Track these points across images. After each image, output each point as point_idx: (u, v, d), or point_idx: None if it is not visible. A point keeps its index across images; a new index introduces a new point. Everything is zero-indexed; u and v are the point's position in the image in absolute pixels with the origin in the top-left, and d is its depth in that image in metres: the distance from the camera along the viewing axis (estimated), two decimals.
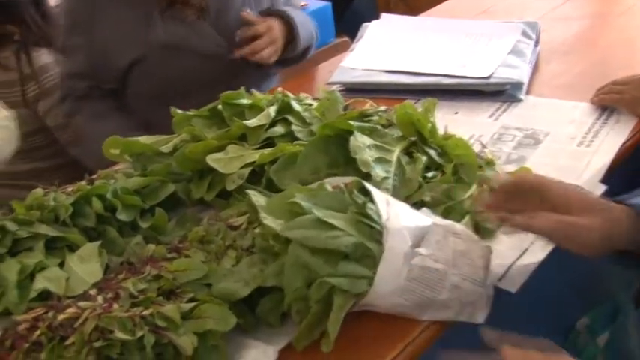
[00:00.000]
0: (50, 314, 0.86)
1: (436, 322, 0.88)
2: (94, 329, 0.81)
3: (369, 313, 0.88)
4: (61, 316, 0.84)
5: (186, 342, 0.80)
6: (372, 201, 0.90)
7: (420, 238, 0.89)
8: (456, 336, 0.90)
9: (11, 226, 1.05)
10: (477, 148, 1.17)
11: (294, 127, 1.19)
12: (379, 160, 1.05)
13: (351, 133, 1.07)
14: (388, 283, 0.85)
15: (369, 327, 0.88)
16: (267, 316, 0.89)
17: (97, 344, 0.79)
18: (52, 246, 1.03)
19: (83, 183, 1.18)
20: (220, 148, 1.18)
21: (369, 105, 1.29)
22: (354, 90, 1.53)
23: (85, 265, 0.98)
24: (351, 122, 1.09)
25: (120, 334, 0.79)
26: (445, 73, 1.54)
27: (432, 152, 1.11)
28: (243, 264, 0.92)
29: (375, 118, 1.19)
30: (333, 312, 0.81)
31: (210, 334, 0.83)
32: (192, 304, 0.84)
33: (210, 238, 0.99)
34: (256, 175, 1.12)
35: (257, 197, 0.97)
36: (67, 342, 0.81)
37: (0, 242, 1.03)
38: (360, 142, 1.06)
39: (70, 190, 1.15)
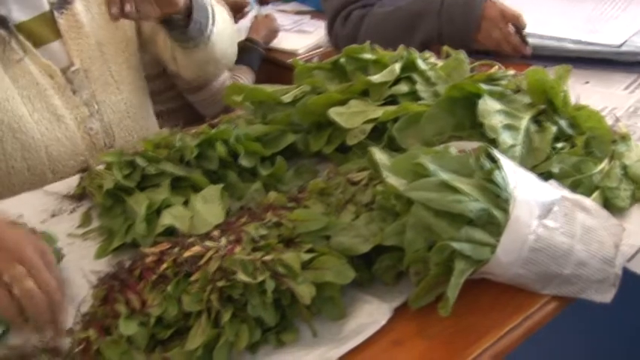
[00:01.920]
0: (176, 250, 0.90)
1: (557, 298, 0.85)
2: (217, 269, 0.83)
3: (487, 282, 0.86)
4: (186, 253, 0.87)
5: (305, 291, 0.81)
6: (499, 168, 0.88)
7: (547, 210, 0.86)
8: None
9: (141, 161, 1.09)
10: (609, 121, 1.11)
11: (418, 86, 1.17)
12: (507, 127, 1.01)
13: (479, 96, 1.04)
14: (511, 253, 0.83)
15: (486, 295, 0.86)
16: (383, 274, 0.89)
17: (220, 284, 0.81)
18: (177, 185, 1.07)
19: (205, 126, 1.20)
20: (342, 102, 1.17)
21: (496, 68, 1.25)
22: (479, 52, 1.48)
23: (208, 207, 1.01)
24: (481, 85, 1.05)
25: (242, 277, 0.81)
26: (573, 38, 1.46)
27: (563, 122, 1.06)
28: (361, 220, 0.92)
29: (504, 82, 1.15)
30: (453, 277, 0.80)
31: (328, 286, 0.84)
32: (311, 255, 0.85)
33: (330, 191, 1.00)
34: (377, 132, 1.11)
35: (380, 155, 0.97)
36: (192, 278, 0.84)
37: (130, 176, 1.09)
38: (489, 106, 1.03)
39: (192, 132, 1.19)
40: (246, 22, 2.46)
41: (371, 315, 0.85)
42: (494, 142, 0.98)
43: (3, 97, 1.22)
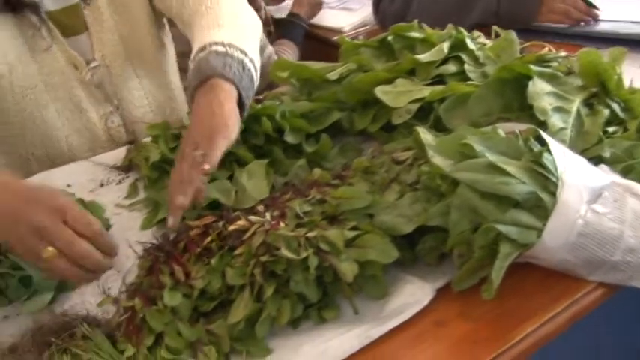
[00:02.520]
0: (220, 224, 0.90)
1: (604, 285, 0.84)
2: (261, 244, 0.84)
3: (531, 265, 0.85)
4: (231, 227, 0.88)
5: (348, 268, 0.81)
6: (548, 151, 0.86)
7: (596, 195, 0.84)
8: None
9: None
10: None
11: (466, 66, 1.15)
12: (557, 109, 0.99)
13: (529, 77, 1.02)
14: (558, 238, 0.81)
15: (530, 279, 0.85)
16: (426, 254, 0.89)
17: (263, 258, 0.82)
18: (223, 159, 1.07)
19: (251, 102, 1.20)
20: (388, 81, 1.16)
21: (547, 50, 1.22)
22: (529, 31, 1.45)
23: (253, 182, 1.01)
24: (531, 66, 1.03)
25: (285, 252, 0.82)
26: (629, 20, 1.42)
27: (615, 106, 1.03)
28: (406, 199, 0.92)
29: (554, 64, 1.12)
30: (497, 260, 0.79)
31: (370, 265, 0.84)
32: (355, 233, 0.85)
33: (375, 169, 0.99)
34: (423, 112, 1.10)
35: (425, 134, 0.96)
36: (236, 252, 0.85)
37: (175, 149, 1.10)
38: (539, 88, 1.01)
39: None
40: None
41: (413, 295, 0.84)
42: (543, 125, 0.97)
43: (27, 84, 1.22)
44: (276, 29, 2.33)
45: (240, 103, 1.02)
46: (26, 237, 0.79)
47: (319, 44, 2.38)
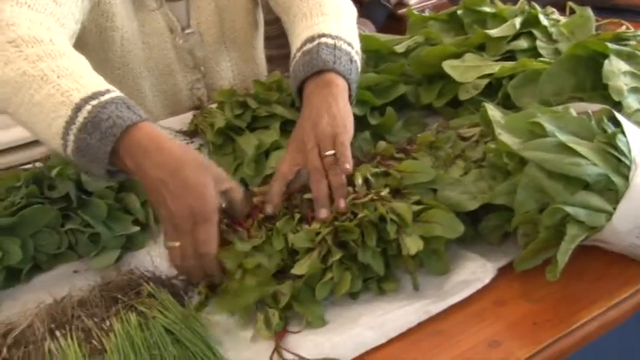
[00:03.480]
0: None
1: None
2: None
3: (597, 249, 0.83)
4: (306, 195, 0.89)
5: (412, 243, 0.81)
6: (622, 132, 0.84)
7: None
8: None
9: (252, 102, 1.11)
10: None
11: (538, 43, 1.12)
12: (634, 90, 0.96)
13: (605, 56, 0.99)
14: (628, 222, 0.79)
15: (596, 264, 0.84)
16: (489, 233, 0.88)
17: (337, 223, 0.83)
18: (286, 128, 1.08)
19: None
20: (457, 55, 1.14)
21: (624, 28, 1.17)
22: (605, 9, 1.40)
23: None
24: (608, 44, 1.00)
25: (364, 212, 0.82)
26: None
27: None
28: (470, 176, 0.91)
29: (633, 43, 1.08)
30: (564, 242, 0.78)
31: (433, 240, 0.83)
32: (421, 207, 0.85)
33: (440, 145, 0.98)
34: (491, 88, 1.08)
35: (493, 111, 0.94)
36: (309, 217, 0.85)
37: (240, 117, 1.11)
38: (615, 67, 0.97)
39: None
40: None
41: (474, 273, 0.84)
42: (618, 106, 0.94)
43: (132, 40, 1.25)
44: (360, 8, 2.30)
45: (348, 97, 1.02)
46: (178, 214, 0.81)
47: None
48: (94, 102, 0.85)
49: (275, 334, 0.79)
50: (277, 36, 1.91)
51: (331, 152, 0.91)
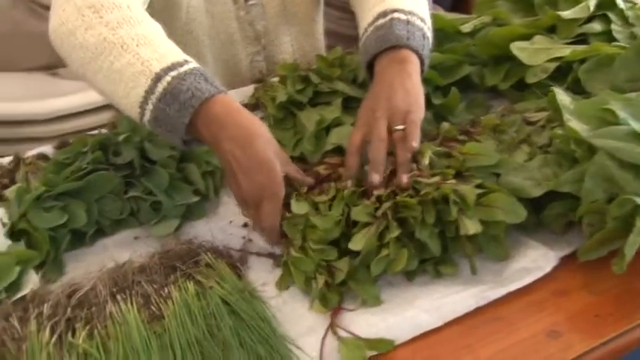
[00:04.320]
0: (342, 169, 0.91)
1: None
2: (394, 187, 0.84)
3: None
4: (366, 167, 0.88)
5: (471, 226, 0.80)
6: None
7: None
8: None
9: (314, 78, 1.11)
10: None
11: (613, 26, 1.08)
12: None
13: None
14: None
15: None
16: (552, 221, 0.86)
17: (399, 198, 0.82)
18: (348, 105, 1.07)
19: None
20: (526, 37, 1.11)
21: None
22: None
23: None
24: None
25: (423, 192, 0.81)
26: None
27: None
28: (535, 162, 0.89)
29: None
30: (632, 234, 0.75)
31: (493, 225, 0.82)
32: (483, 191, 0.83)
33: (504, 128, 0.96)
34: (561, 72, 1.05)
35: (562, 96, 0.91)
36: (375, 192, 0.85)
37: (302, 92, 1.10)
38: None
39: None
40: None
41: (535, 261, 0.82)
42: None
43: (197, 8, 1.25)
44: None
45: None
46: (247, 189, 0.84)
47: None
48: (174, 73, 0.87)
49: (330, 310, 0.79)
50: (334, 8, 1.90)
51: (401, 127, 0.90)
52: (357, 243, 0.81)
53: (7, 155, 1.11)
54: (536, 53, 1.07)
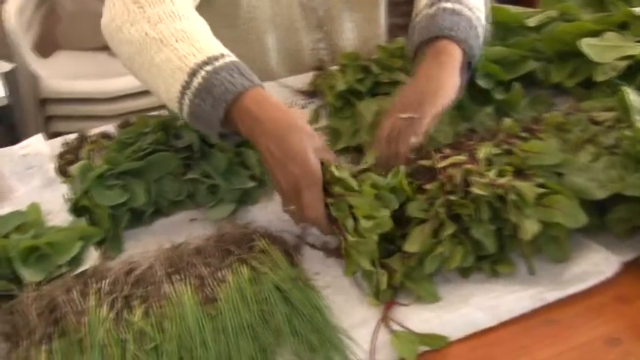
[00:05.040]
0: (412, 156, 0.90)
1: None
2: (450, 182, 0.82)
3: None
4: (423, 162, 0.87)
5: (529, 227, 0.78)
6: None
7: None
8: None
9: (374, 68, 1.10)
10: None
11: None
12: None
13: None
14: None
15: None
16: (616, 224, 0.83)
17: (452, 197, 0.81)
18: None
19: None
20: (595, 33, 1.08)
21: None
22: None
23: (437, 124, 0.99)
24: None
25: (477, 191, 0.79)
26: None
27: None
28: (600, 163, 0.86)
29: None
30: None
31: (554, 226, 0.80)
32: (544, 190, 0.81)
33: (569, 127, 0.93)
34: (632, 71, 1.02)
35: (633, 96, 0.89)
36: (425, 186, 0.84)
37: (362, 81, 1.10)
38: None
39: None
40: None
41: (596, 265, 0.80)
42: None
43: None
44: None
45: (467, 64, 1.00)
46: (283, 182, 0.83)
47: None
48: (208, 67, 0.87)
49: (383, 304, 0.79)
50: (400, 3, 1.87)
51: (408, 115, 0.90)
52: (412, 244, 0.80)
53: (69, 132, 1.14)
54: (605, 50, 1.04)
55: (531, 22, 1.19)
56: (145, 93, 2.22)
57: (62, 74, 2.32)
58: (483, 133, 0.97)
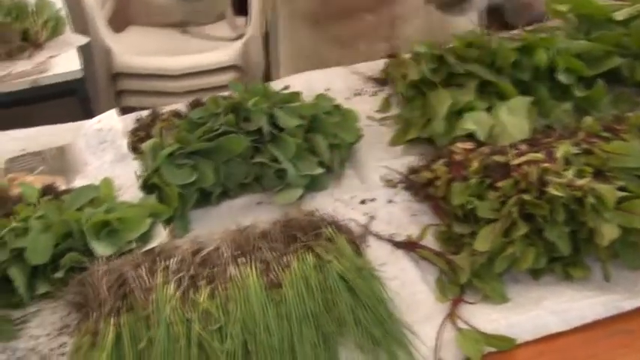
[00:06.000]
0: (485, 151, 0.87)
1: None
2: (524, 180, 0.80)
3: None
4: (497, 157, 0.85)
5: (608, 231, 0.75)
6: None
7: None
8: None
9: (450, 58, 1.07)
10: None
11: None
12: None
13: None
14: None
15: None
16: None
17: (526, 197, 0.78)
18: (482, 89, 1.03)
19: (524, 32, 1.12)
20: None
21: None
22: None
23: (514, 119, 0.96)
24: None
25: (553, 191, 0.77)
26: None
27: None
28: None
29: None
30: None
31: (634, 232, 0.77)
32: (625, 194, 0.78)
33: None
34: None
35: None
36: (497, 183, 0.82)
37: (436, 71, 1.07)
38: None
39: (506, 36, 1.12)
40: None
41: None
42: None
43: None
44: None
45: None
46: None
47: None
48: None
49: (449, 300, 0.77)
50: None
51: None
52: (482, 243, 0.78)
53: (139, 107, 1.15)
54: None
55: (619, 15, 1.13)
56: (214, 71, 2.24)
57: (134, 49, 2.36)
58: (561, 130, 0.93)
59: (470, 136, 0.96)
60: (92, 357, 0.72)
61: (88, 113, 1.75)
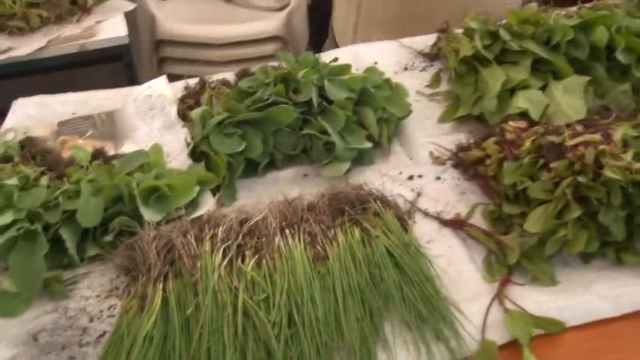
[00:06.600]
0: (539, 131, 0.85)
1: None
2: (581, 161, 0.78)
3: None
4: (551, 137, 0.82)
5: None
6: None
7: None
8: None
9: (504, 34, 1.05)
10: None
11: None
12: None
13: None
14: None
15: None
16: None
17: (581, 179, 0.76)
18: (537, 67, 1.01)
19: (583, 9, 1.09)
20: None
21: None
22: None
23: (569, 98, 0.94)
24: None
25: (609, 174, 0.74)
26: None
27: None
28: None
29: None
30: None
31: None
32: None
33: None
34: None
35: None
36: (551, 164, 0.80)
37: (489, 47, 1.05)
38: None
39: (563, 13, 1.09)
40: None
41: None
42: None
43: None
44: None
45: None
46: None
47: None
48: None
49: (497, 280, 0.76)
50: None
51: None
52: (533, 224, 0.76)
53: (182, 75, 1.15)
54: None
55: None
56: (257, 41, 2.23)
57: (178, 17, 2.36)
58: (619, 112, 0.91)
59: (523, 115, 0.94)
60: (140, 321, 0.73)
61: (132, 79, 1.77)
